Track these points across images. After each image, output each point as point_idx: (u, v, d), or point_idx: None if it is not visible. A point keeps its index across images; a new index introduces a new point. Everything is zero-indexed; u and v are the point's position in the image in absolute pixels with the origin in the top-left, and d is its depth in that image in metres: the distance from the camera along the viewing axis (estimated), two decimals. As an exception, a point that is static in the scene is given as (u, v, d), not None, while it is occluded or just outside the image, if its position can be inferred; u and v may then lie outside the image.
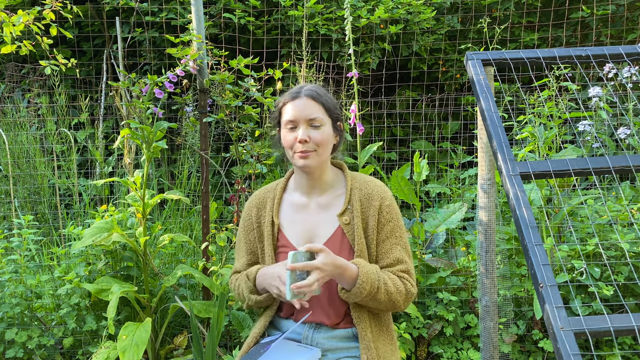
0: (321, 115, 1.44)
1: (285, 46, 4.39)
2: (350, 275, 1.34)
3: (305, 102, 1.44)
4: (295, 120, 1.44)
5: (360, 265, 1.36)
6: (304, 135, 1.42)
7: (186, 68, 2.38)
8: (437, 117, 4.77)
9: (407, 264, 1.45)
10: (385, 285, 1.37)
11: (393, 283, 1.39)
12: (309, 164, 1.43)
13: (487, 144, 1.96)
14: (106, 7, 4.27)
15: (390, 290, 1.38)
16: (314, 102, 1.45)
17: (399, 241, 1.46)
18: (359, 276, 1.34)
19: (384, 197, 1.48)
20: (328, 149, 1.47)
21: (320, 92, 1.48)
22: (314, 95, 1.45)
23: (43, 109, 3.95)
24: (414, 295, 1.44)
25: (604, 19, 4.62)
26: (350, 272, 1.35)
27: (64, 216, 3.51)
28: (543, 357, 2.43)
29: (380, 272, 1.40)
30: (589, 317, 1.08)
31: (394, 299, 1.39)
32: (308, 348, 1.41)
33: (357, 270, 1.35)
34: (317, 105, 1.45)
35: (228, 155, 2.96)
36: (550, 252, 2.33)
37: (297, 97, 1.46)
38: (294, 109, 1.44)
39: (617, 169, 1.34)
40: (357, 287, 1.34)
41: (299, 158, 1.43)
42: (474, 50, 2.29)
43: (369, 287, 1.34)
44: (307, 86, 1.49)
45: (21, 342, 2.38)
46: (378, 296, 1.37)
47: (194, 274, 2.36)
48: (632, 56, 1.57)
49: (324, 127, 1.45)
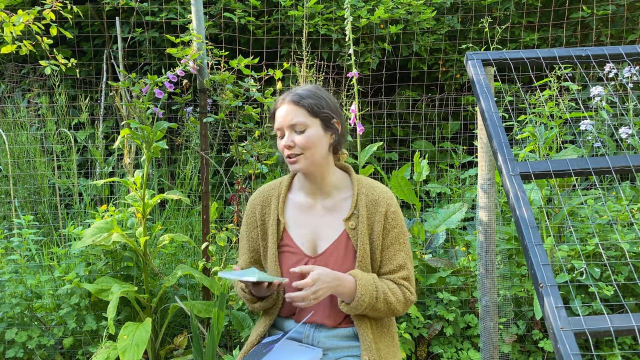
0: (302, 119, 1.44)
1: (285, 46, 4.39)
2: (349, 287, 1.36)
3: (287, 109, 1.46)
4: (280, 127, 1.47)
5: (357, 277, 1.37)
6: (288, 141, 1.44)
7: (186, 68, 2.38)
8: (437, 117, 4.77)
9: (408, 270, 1.47)
10: (385, 295, 1.39)
11: (392, 293, 1.41)
12: (298, 168, 1.46)
13: (487, 144, 1.96)
14: (106, 7, 4.27)
15: (390, 300, 1.40)
16: (295, 106, 1.45)
17: (402, 247, 1.48)
18: (357, 289, 1.36)
19: (390, 203, 1.49)
20: (318, 151, 1.45)
21: (305, 95, 1.46)
22: (295, 100, 1.45)
23: (43, 109, 3.95)
24: (412, 303, 1.46)
25: (604, 19, 4.62)
26: (348, 283, 1.36)
27: (64, 216, 3.51)
28: (543, 357, 2.43)
29: (377, 282, 1.41)
30: (589, 317, 1.08)
31: (393, 308, 1.42)
32: (310, 348, 1.41)
33: (355, 283, 1.36)
34: (298, 109, 1.44)
35: (228, 155, 2.96)
36: (550, 252, 2.33)
37: (281, 104, 1.48)
38: (278, 117, 1.47)
39: (617, 169, 1.34)
40: (357, 300, 1.36)
41: (290, 163, 1.47)
42: (474, 50, 2.29)
43: (368, 299, 1.36)
44: (296, 89, 1.49)
45: (21, 342, 2.38)
46: (377, 306, 1.39)
47: (194, 274, 2.36)
48: (632, 56, 1.57)
49: (309, 129, 1.44)
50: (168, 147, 3.04)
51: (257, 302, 1.49)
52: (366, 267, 1.43)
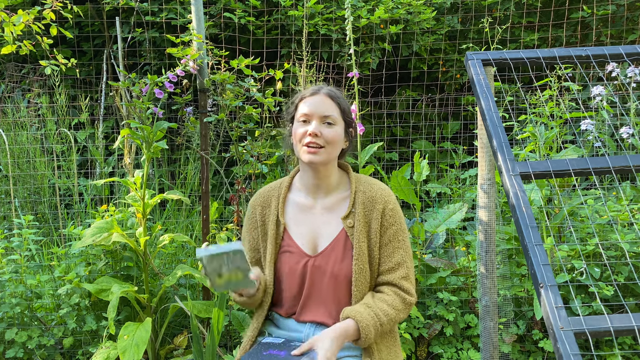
0: (336, 114, 1.47)
1: (285, 46, 4.40)
2: (353, 333, 1.35)
3: (323, 99, 1.47)
4: (310, 114, 1.45)
5: (356, 319, 1.35)
6: (316, 129, 1.43)
7: (186, 68, 2.38)
8: (437, 117, 4.78)
9: (408, 269, 1.46)
10: (387, 316, 1.38)
11: (392, 307, 1.40)
12: (315, 160, 1.44)
13: (487, 144, 1.96)
14: (106, 7, 4.27)
15: (392, 316, 1.40)
16: (331, 100, 1.48)
17: (401, 245, 1.47)
18: (360, 330, 1.34)
19: (387, 200, 1.49)
20: (337, 149, 1.48)
21: (339, 94, 1.52)
22: (332, 95, 1.49)
23: (43, 109, 3.95)
24: (413, 304, 1.45)
25: (604, 19, 4.62)
26: (352, 331, 1.34)
27: (64, 216, 3.51)
28: (543, 357, 2.43)
29: (375, 306, 1.39)
30: (589, 317, 1.08)
31: (397, 319, 1.42)
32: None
33: (356, 325, 1.35)
34: (333, 104, 1.48)
35: (228, 155, 2.96)
36: (550, 252, 2.33)
37: (315, 94, 1.49)
38: (311, 104, 1.47)
39: (617, 169, 1.34)
40: (363, 339, 1.34)
41: (307, 153, 1.44)
42: (474, 50, 2.29)
43: (373, 331, 1.35)
44: (327, 87, 1.53)
45: (21, 342, 2.38)
46: (384, 329, 1.39)
47: (194, 274, 2.36)
48: (632, 56, 1.57)
49: (337, 126, 1.47)
50: (168, 147, 3.04)
51: (240, 296, 1.47)
52: (363, 264, 1.43)
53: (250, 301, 1.48)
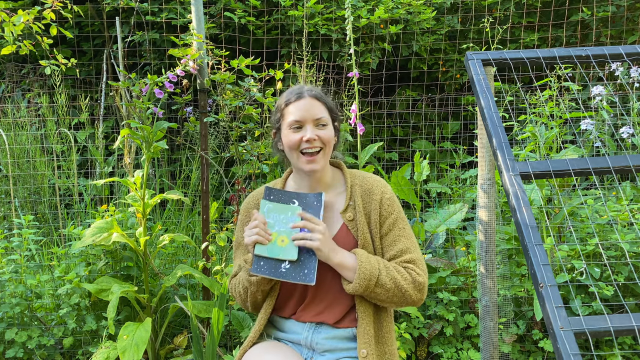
0: (326, 115, 1.47)
1: (285, 46, 4.39)
2: (348, 260, 1.36)
3: (311, 102, 1.46)
4: (302, 120, 1.44)
5: (357, 253, 1.38)
6: (312, 134, 1.42)
7: (186, 68, 2.38)
8: (437, 117, 4.78)
9: (412, 253, 1.43)
10: (387, 269, 1.36)
11: (397, 270, 1.38)
12: (316, 168, 1.44)
13: (487, 144, 1.96)
14: (106, 7, 4.27)
15: (395, 276, 1.36)
16: (318, 102, 1.47)
17: (402, 232, 1.46)
18: (359, 262, 1.34)
19: (384, 190, 1.49)
20: (331, 149, 1.49)
21: (322, 93, 1.51)
22: (317, 95, 1.48)
23: (43, 109, 3.95)
24: (423, 285, 1.39)
25: (604, 19, 4.62)
26: (347, 254, 1.37)
27: (64, 216, 3.51)
28: (543, 357, 2.43)
29: (380, 259, 1.40)
30: (589, 317, 1.08)
31: (401, 286, 1.36)
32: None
33: (355, 257, 1.36)
34: (321, 105, 1.47)
35: (228, 155, 2.96)
36: (550, 252, 2.33)
37: (301, 97, 1.46)
38: (300, 109, 1.44)
39: (617, 169, 1.34)
40: (359, 274, 1.33)
41: (306, 163, 1.43)
42: (474, 50, 2.29)
43: (370, 268, 1.33)
44: (307, 87, 1.50)
45: (21, 342, 2.38)
46: (382, 280, 1.34)
47: (194, 274, 2.36)
48: (632, 56, 1.57)
49: (329, 126, 1.47)
50: (168, 147, 3.04)
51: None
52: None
53: (256, 289, 1.45)
